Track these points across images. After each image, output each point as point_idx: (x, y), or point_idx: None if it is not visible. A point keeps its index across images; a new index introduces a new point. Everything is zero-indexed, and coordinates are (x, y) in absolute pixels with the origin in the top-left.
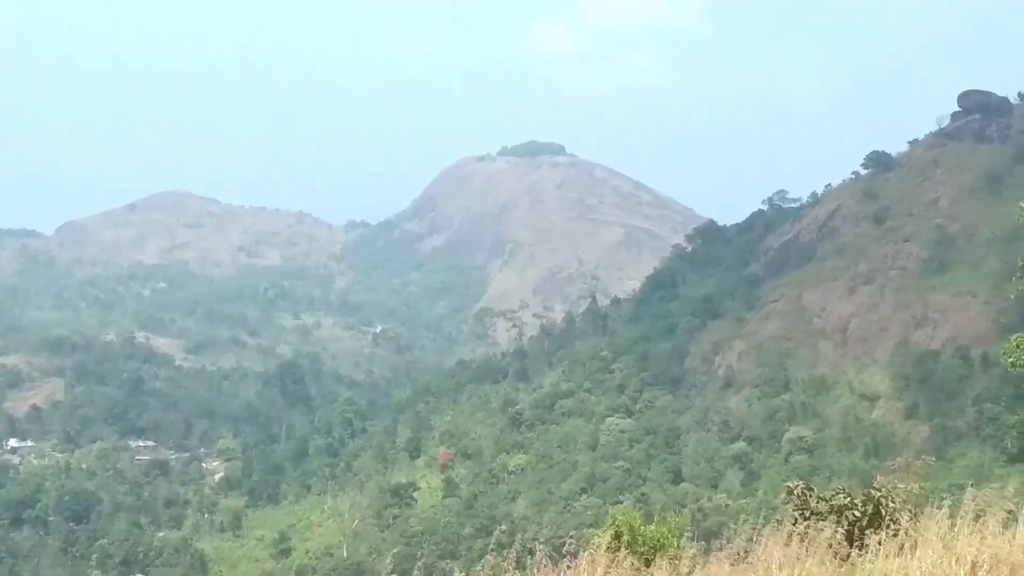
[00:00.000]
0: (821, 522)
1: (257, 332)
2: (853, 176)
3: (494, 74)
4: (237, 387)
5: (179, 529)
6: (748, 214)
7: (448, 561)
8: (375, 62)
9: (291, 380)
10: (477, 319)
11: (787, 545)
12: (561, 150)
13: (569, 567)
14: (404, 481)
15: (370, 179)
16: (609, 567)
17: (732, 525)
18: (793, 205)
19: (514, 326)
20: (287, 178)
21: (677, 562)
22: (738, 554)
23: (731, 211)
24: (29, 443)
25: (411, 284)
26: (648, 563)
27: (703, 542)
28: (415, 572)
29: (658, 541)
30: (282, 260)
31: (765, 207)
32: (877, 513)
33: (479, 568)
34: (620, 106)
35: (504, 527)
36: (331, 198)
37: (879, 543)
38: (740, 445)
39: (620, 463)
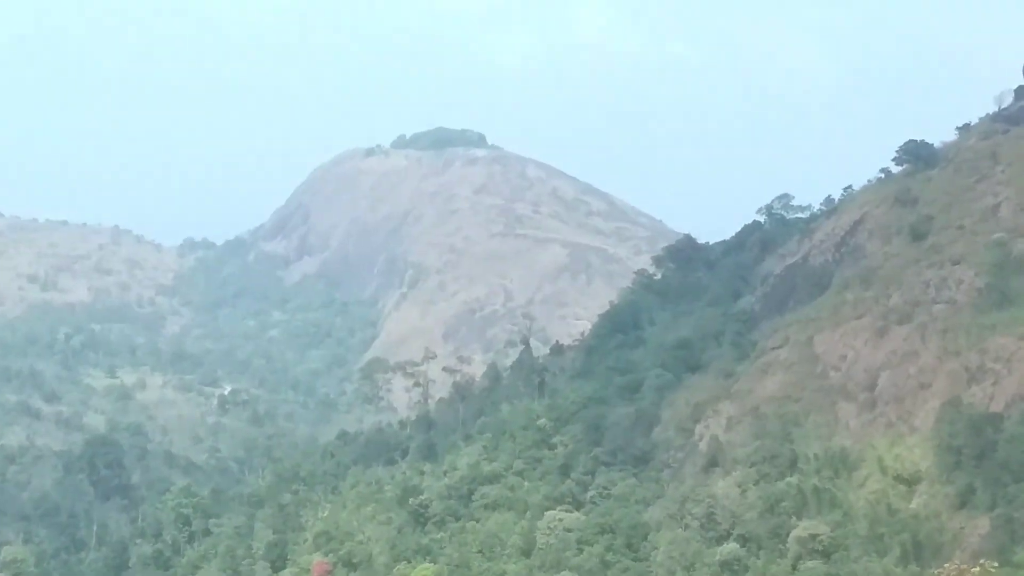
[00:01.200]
0: None
1: (56, 396)
2: (882, 175)
3: (385, 38)
4: (28, 473)
5: None
6: (738, 227)
7: None
8: (218, 22)
9: (104, 463)
10: (365, 375)
11: None
12: (480, 140)
13: None
14: None
15: (214, 182)
16: None
17: None
18: (800, 215)
19: (417, 384)
20: (98, 182)
21: None
22: None
23: (715, 224)
24: None
25: (273, 327)
26: None
27: None
28: None
29: None
30: (91, 294)
31: (762, 218)
32: None
33: None
34: (560, 81)
35: None
36: (160, 208)
37: None
38: (731, 547)
39: (565, 574)
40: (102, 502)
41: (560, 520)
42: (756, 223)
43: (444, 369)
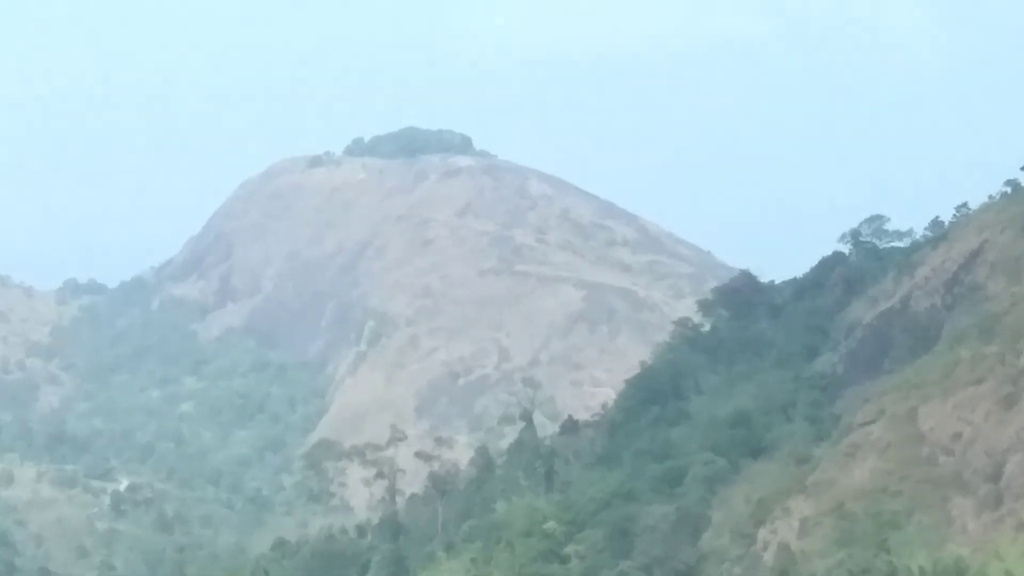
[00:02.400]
0: None
1: None
2: (1007, 190)
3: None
4: None
5: None
6: (814, 260)
7: None
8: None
9: None
10: (310, 463)
11: None
12: (464, 145)
13: None
14: None
15: (106, 204)
16: None
17: None
18: (898, 244)
19: (380, 475)
20: None
21: None
22: None
23: (782, 256)
24: None
25: (185, 399)
26: None
27: None
28: None
29: None
30: None
31: (846, 248)
32: None
33: None
34: (572, 68)
35: None
36: (32, 239)
37: None
38: None
39: None
40: None
41: None
42: (838, 255)
43: (417, 454)
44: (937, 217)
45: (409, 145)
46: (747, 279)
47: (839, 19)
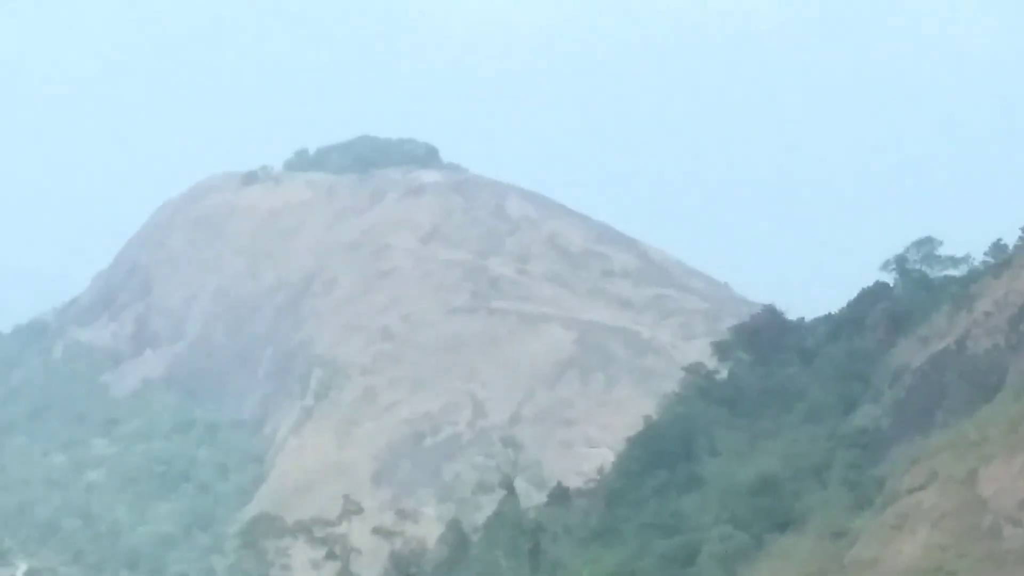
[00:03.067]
0: None
1: None
2: None
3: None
4: None
5: None
6: (853, 293)
7: None
8: None
9: None
10: (247, 542)
11: None
12: (429, 156)
13: None
14: None
15: None
16: None
17: None
18: (952, 273)
19: (331, 556)
20: None
21: None
22: None
23: (813, 288)
24: None
25: (94, 465)
26: None
27: None
28: None
29: None
30: None
31: (890, 277)
32: None
33: None
34: (558, 59)
35: None
36: None
37: None
38: None
39: None
40: None
41: None
42: (881, 286)
43: (376, 531)
44: (999, 240)
45: (364, 157)
46: (771, 316)
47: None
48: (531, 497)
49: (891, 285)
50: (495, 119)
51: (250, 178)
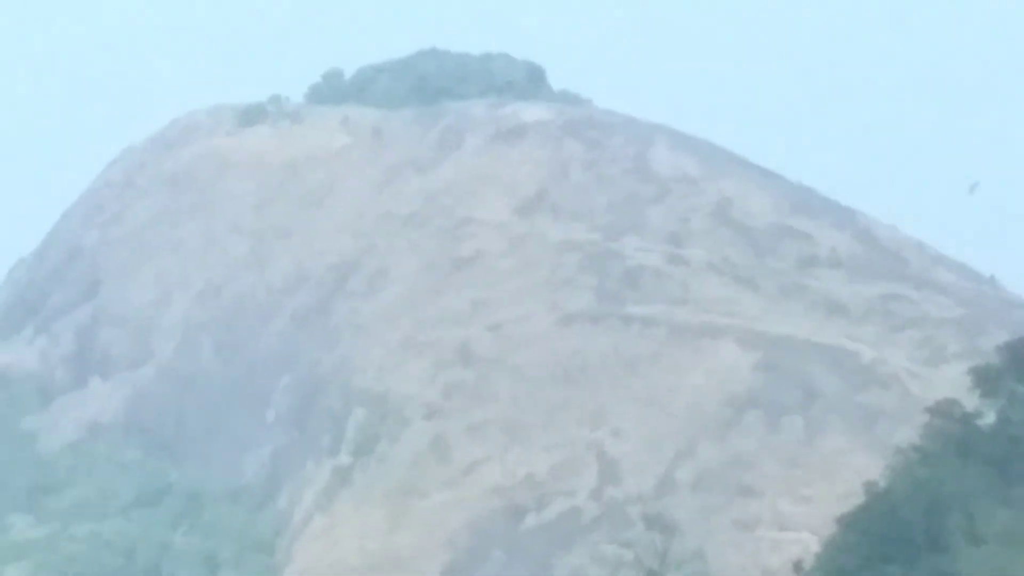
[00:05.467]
0: None
1: None
2: None
3: None
4: None
5: None
6: None
7: None
8: None
9: None
10: None
11: None
12: (533, 79)
13: None
14: None
15: None
16: None
17: None
18: None
19: None
20: None
21: None
22: None
23: None
24: None
25: (14, 555)
26: None
27: None
28: None
29: None
30: None
31: None
32: None
33: None
34: None
35: None
36: None
37: None
38: None
39: None
40: None
41: None
42: None
43: None
44: None
45: (429, 82)
46: None
47: None
48: None
49: None
50: (633, 24)
51: (253, 115)
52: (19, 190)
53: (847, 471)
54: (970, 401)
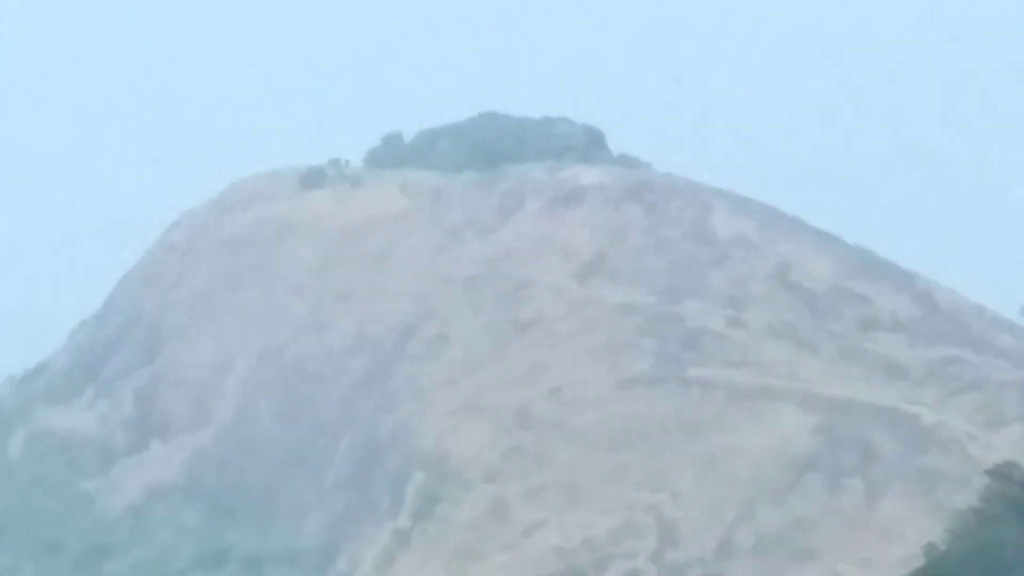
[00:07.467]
0: None
1: None
2: None
3: None
4: None
5: None
6: None
7: None
8: None
9: None
10: None
11: None
12: (592, 144)
13: None
14: None
15: None
16: None
17: None
18: None
19: None
20: None
21: None
22: None
23: None
24: None
25: None
26: None
27: None
28: None
29: None
30: None
31: None
32: None
33: None
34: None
35: None
36: None
37: None
38: None
39: None
40: None
41: None
42: None
43: None
44: None
45: (488, 146)
46: None
47: None
48: None
49: None
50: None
51: (313, 179)
52: (80, 262)
53: (907, 534)
54: None
